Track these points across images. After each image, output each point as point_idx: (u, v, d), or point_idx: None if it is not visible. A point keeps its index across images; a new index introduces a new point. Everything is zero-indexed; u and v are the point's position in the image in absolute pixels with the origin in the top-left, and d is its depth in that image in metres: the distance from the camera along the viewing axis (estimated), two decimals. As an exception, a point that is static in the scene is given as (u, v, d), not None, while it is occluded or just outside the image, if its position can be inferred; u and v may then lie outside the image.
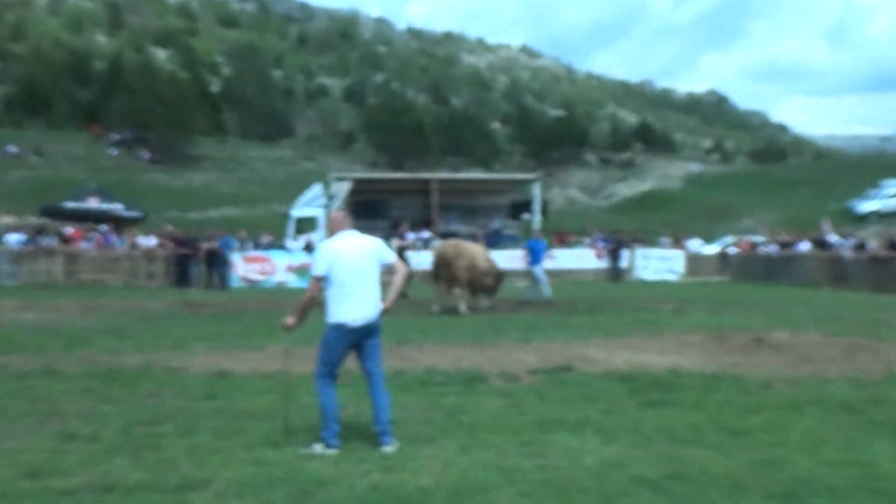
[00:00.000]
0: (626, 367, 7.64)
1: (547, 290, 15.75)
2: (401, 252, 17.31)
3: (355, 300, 5.01)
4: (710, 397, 6.42)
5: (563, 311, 13.91)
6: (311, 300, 4.98)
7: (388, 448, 4.94)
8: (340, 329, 4.96)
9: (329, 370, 5.01)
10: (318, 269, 4.97)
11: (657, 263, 25.57)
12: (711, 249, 28.88)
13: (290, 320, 5.09)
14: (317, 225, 24.66)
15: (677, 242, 28.42)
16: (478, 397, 6.50)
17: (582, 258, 23.28)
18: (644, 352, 8.60)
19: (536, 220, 25.87)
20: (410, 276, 16.94)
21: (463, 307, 13.40)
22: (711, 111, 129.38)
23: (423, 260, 19.01)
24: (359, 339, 5.04)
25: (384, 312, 5.18)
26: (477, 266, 13.62)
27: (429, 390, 6.74)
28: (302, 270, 22.23)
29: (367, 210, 26.09)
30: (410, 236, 23.27)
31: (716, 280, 24.69)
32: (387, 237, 24.87)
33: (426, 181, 26.65)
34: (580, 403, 6.24)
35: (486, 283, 13.88)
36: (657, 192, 58.71)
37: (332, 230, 5.13)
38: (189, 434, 5.31)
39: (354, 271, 5.02)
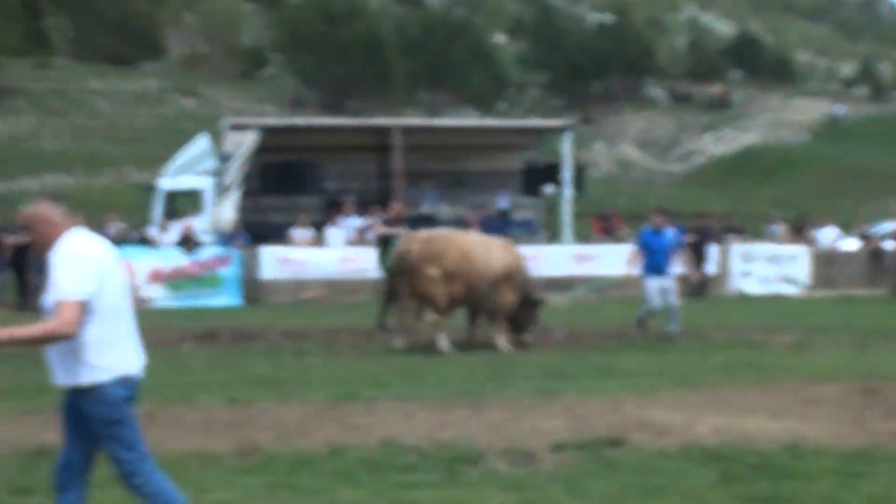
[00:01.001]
0: (715, 439, 7.66)
1: (648, 316, 14.95)
2: (386, 244, 16.86)
3: (132, 339, 5.12)
4: (854, 488, 6.44)
5: (610, 346, 13.95)
6: (60, 336, 4.84)
7: None
8: (125, 386, 5.00)
9: (143, 452, 5.06)
10: (85, 287, 4.86)
11: (766, 267, 25.65)
12: (855, 244, 29.02)
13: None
14: (202, 204, 24.48)
15: (799, 233, 28.51)
16: (468, 491, 6.49)
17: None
18: (744, 414, 8.63)
19: (567, 194, 25.89)
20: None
21: (442, 342, 13.39)
22: (855, 16, 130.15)
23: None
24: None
25: None
26: (474, 271, 13.49)
27: (386, 479, 6.73)
28: (177, 279, 22.08)
29: (284, 180, 26.00)
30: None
31: (863, 294, 24.83)
32: (321, 224, 24.97)
33: (384, 132, 26.59)
34: (638, 500, 6.25)
35: (500, 304, 13.71)
36: (766, 149, 59.01)
37: (46, 235, 5.01)
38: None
39: (125, 295, 5.13)
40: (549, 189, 26.80)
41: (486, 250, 13.81)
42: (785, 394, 9.68)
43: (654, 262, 14.81)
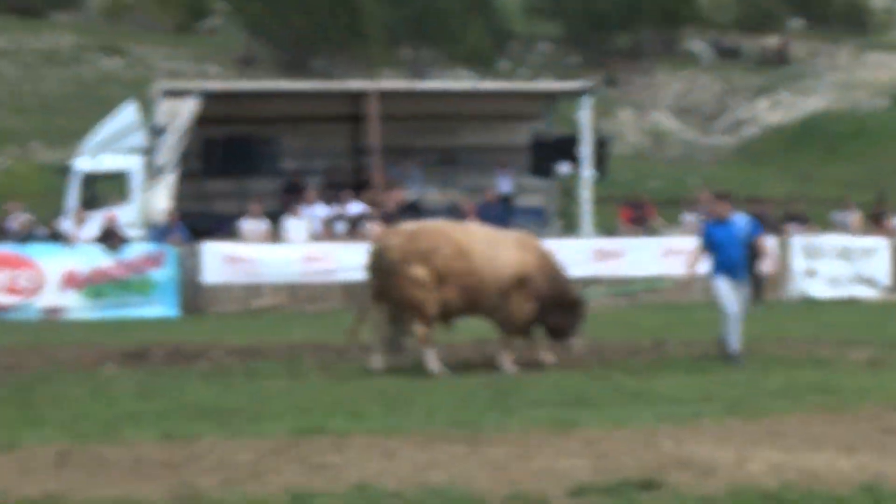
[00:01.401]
0: (774, 479, 7.64)
1: (735, 332, 14.41)
2: None
3: None
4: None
5: (643, 365, 14.02)
6: None
7: None
8: None
9: None
10: None
11: (835, 265, 25.70)
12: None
13: None
14: (128, 189, 24.44)
15: (877, 221, 28.56)
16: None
17: (677, 257, 23.26)
18: (810, 448, 8.64)
19: (586, 175, 25.89)
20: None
21: (432, 360, 13.43)
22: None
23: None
24: None
25: None
26: (473, 272, 13.52)
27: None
28: (98, 284, 22.08)
29: (231, 158, 25.94)
30: None
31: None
32: (277, 214, 24.90)
33: (357, 98, 26.59)
34: (681, 557, 6.24)
35: (513, 315, 13.73)
36: (834, 116, 59.11)
37: None
38: None
39: None
40: (563, 168, 26.79)
41: (490, 247, 13.78)
42: (861, 423, 9.69)
43: (726, 261, 14.57)
